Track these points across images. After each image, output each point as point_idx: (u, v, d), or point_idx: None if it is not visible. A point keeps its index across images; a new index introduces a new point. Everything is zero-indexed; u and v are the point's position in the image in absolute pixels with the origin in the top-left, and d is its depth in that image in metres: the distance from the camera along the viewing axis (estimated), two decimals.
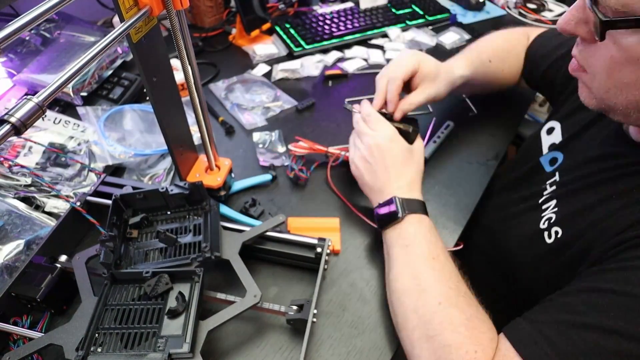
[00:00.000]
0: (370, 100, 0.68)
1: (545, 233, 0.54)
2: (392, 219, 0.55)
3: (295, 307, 0.51)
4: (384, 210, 0.57)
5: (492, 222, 0.70)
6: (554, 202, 0.56)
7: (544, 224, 0.55)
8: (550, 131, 0.67)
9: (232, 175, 0.67)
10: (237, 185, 0.69)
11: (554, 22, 1.16)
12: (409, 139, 0.64)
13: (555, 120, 0.66)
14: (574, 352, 0.38)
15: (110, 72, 0.86)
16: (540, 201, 0.59)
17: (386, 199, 0.57)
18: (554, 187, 0.58)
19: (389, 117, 0.66)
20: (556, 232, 0.52)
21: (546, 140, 0.66)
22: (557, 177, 0.59)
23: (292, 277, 0.59)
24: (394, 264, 0.53)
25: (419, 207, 0.57)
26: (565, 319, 0.40)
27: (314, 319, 0.50)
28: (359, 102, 0.68)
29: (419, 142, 0.64)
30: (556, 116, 0.67)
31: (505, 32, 0.82)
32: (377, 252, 0.62)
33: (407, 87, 0.69)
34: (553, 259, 0.52)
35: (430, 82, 0.68)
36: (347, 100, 0.69)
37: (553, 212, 0.55)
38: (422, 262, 0.51)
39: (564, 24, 0.44)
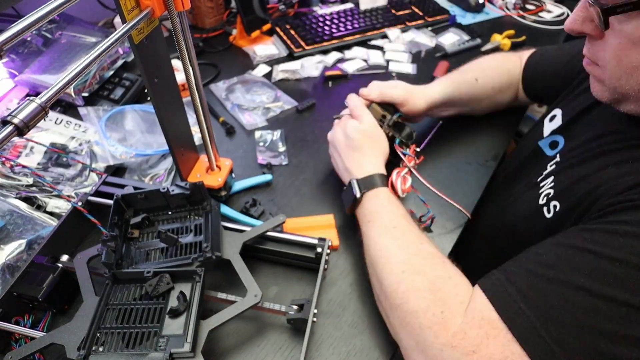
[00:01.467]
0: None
1: (545, 208, 0.54)
2: (354, 201, 0.58)
3: (295, 307, 0.51)
4: (347, 196, 0.60)
5: (494, 209, 0.70)
6: (551, 178, 0.56)
7: (542, 199, 0.55)
8: (552, 118, 0.67)
9: (233, 175, 0.68)
10: (238, 185, 0.69)
11: (552, 23, 1.17)
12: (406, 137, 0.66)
13: (558, 108, 0.67)
14: (545, 305, 0.39)
15: (111, 72, 0.86)
16: (538, 180, 0.59)
17: (348, 180, 0.61)
18: (553, 167, 0.59)
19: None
20: (554, 206, 0.52)
21: (548, 127, 0.67)
22: (557, 159, 0.60)
23: (292, 276, 0.59)
24: (364, 241, 0.56)
25: (376, 181, 0.58)
26: (539, 272, 0.41)
27: (314, 319, 0.50)
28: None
29: (365, 117, 0.65)
30: (559, 105, 0.68)
31: (493, 54, 0.85)
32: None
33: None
34: (555, 231, 0.50)
35: (405, 104, 0.70)
36: (334, 116, 0.70)
37: (550, 188, 0.55)
38: (383, 233, 0.53)
39: (571, 23, 0.47)
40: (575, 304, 0.38)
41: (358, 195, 0.57)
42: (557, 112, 0.67)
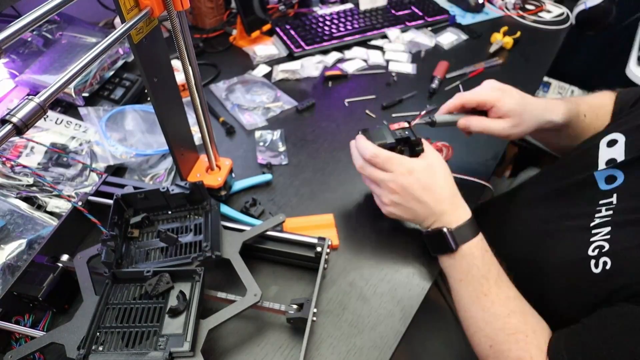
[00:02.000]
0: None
1: (593, 261, 0.50)
2: (444, 250, 0.56)
3: (295, 306, 0.51)
4: (434, 242, 0.57)
5: (531, 234, 0.65)
6: (607, 228, 0.51)
7: (593, 251, 0.51)
8: (611, 143, 0.59)
9: (233, 175, 0.68)
10: (238, 185, 0.69)
11: (552, 23, 1.17)
12: (415, 151, 0.59)
13: (620, 133, 0.59)
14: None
15: (111, 72, 0.86)
16: (591, 224, 0.53)
17: (434, 228, 0.56)
18: (610, 212, 0.53)
19: (388, 144, 0.59)
20: (604, 263, 0.48)
21: (605, 153, 0.59)
22: (614, 200, 0.53)
23: (292, 276, 0.59)
24: (453, 294, 0.57)
25: (469, 229, 0.55)
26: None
27: (314, 318, 0.50)
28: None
29: (430, 152, 0.59)
30: (621, 128, 0.60)
31: (605, 92, 0.74)
32: (376, 251, 0.63)
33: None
34: (596, 290, 0.49)
35: (514, 119, 0.63)
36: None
37: (605, 240, 0.50)
38: (474, 300, 0.53)
39: None
40: None
41: (454, 248, 0.54)
42: (619, 137, 0.58)
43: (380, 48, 1.05)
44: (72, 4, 0.33)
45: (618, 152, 0.57)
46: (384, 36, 1.08)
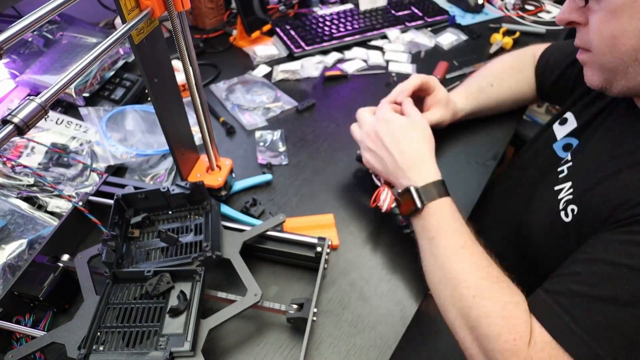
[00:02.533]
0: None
1: (563, 213, 0.54)
2: (412, 211, 0.56)
3: (295, 306, 0.51)
4: (404, 204, 0.57)
5: (507, 213, 0.71)
6: (569, 183, 0.56)
7: (562, 205, 0.55)
8: (563, 121, 0.67)
9: (233, 175, 0.68)
10: (238, 185, 0.69)
11: (551, 23, 1.17)
12: None
13: (568, 111, 0.67)
14: (594, 324, 0.41)
15: (112, 73, 0.86)
16: (556, 187, 0.59)
17: (403, 187, 0.57)
18: (568, 170, 0.59)
19: None
20: (572, 210, 0.53)
21: (560, 130, 0.67)
22: (568, 157, 0.60)
23: (292, 276, 0.59)
24: (424, 256, 0.55)
25: (437, 189, 0.55)
26: (584, 292, 0.43)
27: (314, 318, 0.50)
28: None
29: (418, 116, 0.63)
30: (568, 108, 0.68)
31: (508, 54, 0.85)
32: (376, 251, 0.63)
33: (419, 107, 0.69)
34: (572, 237, 0.52)
35: (442, 107, 0.72)
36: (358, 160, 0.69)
37: (569, 194, 0.55)
38: (450, 254, 0.51)
39: (561, 14, 0.51)
40: (623, 320, 0.41)
41: (420, 206, 0.54)
42: (569, 115, 0.66)
43: (380, 48, 1.05)
44: (72, 4, 0.33)
45: (571, 125, 0.65)
46: (384, 36, 1.08)
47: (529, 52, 0.82)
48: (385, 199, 0.61)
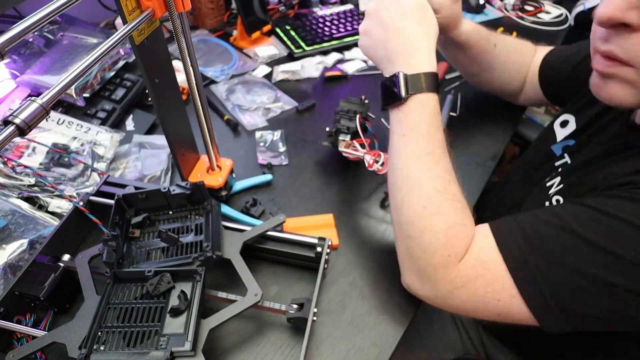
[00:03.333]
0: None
1: (547, 202, 0.55)
2: (394, 98, 0.50)
3: (295, 306, 0.51)
4: (387, 90, 0.52)
5: (502, 211, 0.70)
6: (558, 179, 0.56)
7: (552, 199, 0.55)
8: (564, 124, 0.66)
9: (234, 175, 0.68)
10: (238, 185, 0.69)
11: (551, 24, 1.17)
12: None
13: (569, 114, 0.66)
14: (539, 242, 0.43)
15: (112, 73, 0.86)
16: (546, 180, 0.59)
17: (390, 73, 0.52)
18: (560, 168, 0.59)
19: None
20: (557, 201, 0.53)
21: (561, 132, 0.66)
22: (567, 160, 0.60)
23: (292, 276, 0.59)
24: (391, 154, 0.51)
25: (427, 81, 0.50)
26: (544, 217, 0.44)
27: (314, 318, 0.50)
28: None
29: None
30: (570, 110, 0.67)
31: (512, 38, 0.82)
32: (376, 250, 0.63)
33: None
34: None
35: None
36: (323, 143, 0.70)
37: (559, 192, 0.54)
38: (415, 158, 0.48)
39: (612, 11, 0.40)
40: (566, 245, 0.41)
41: (403, 95, 0.49)
42: (570, 118, 0.65)
43: None
44: (73, 4, 0.33)
45: (572, 128, 0.64)
46: None
47: (532, 47, 0.80)
48: (378, 159, 0.60)
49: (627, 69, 0.42)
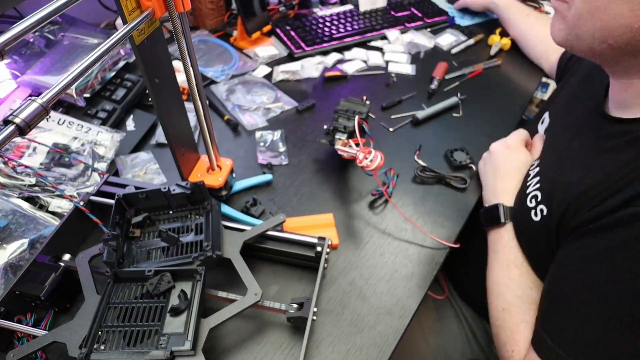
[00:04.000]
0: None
1: (532, 212, 0.56)
2: (495, 223, 0.62)
3: (295, 305, 0.51)
4: (490, 214, 0.63)
5: None
6: (536, 178, 0.59)
7: (530, 201, 0.57)
8: (543, 121, 0.71)
9: (234, 175, 0.68)
10: (238, 185, 0.69)
11: None
12: None
13: (547, 111, 0.71)
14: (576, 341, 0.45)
15: (113, 73, 0.86)
16: (527, 179, 0.62)
17: (492, 202, 0.63)
18: (537, 167, 0.62)
19: None
20: (541, 210, 0.54)
21: (541, 130, 0.71)
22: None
23: (292, 275, 0.59)
24: (489, 265, 0.61)
25: (511, 213, 0.61)
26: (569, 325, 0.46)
27: (314, 317, 0.50)
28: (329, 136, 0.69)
29: (528, 155, 0.67)
30: (547, 108, 0.72)
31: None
32: (376, 250, 0.63)
33: None
34: (542, 236, 0.54)
35: None
36: (321, 141, 0.70)
37: (537, 189, 0.57)
38: (505, 269, 0.58)
39: None
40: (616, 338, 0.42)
41: (503, 221, 0.61)
42: (546, 115, 0.70)
43: (379, 49, 1.05)
44: (73, 5, 0.33)
45: (546, 124, 0.69)
46: (384, 37, 1.09)
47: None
48: (375, 159, 0.61)
49: (563, 4, 0.48)
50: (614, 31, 0.43)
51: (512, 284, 0.56)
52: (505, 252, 0.59)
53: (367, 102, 0.73)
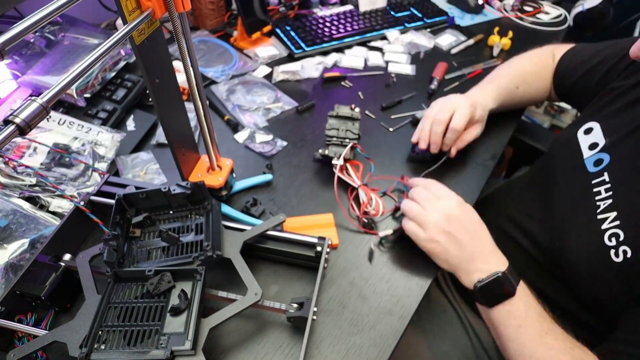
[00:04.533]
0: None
1: (613, 251, 0.51)
2: (505, 297, 0.53)
3: (295, 305, 0.51)
4: (490, 291, 0.54)
5: (535, 224, 0.68)
6: (613, 214, 0.53)
7: (609, 240, 0.52)
8: (588, 131, 0.65)
9: (234, 175, 0.68)
10: (239, 185, 0.70)
11: (550, 24, 1.17)
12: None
13: (594, 121, 0.65)
14: None
15: (113, 73, 0.86)
16: (597, 212, 0.56)
17: (486, 273, 0.54)
18: (609, 193, 0.56)
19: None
20: (624, 252, 0.50)
21: (584, 140, 0.64)
22: (606, 178, 0.57)
23: (292, 275, 0.59)
24: (509, 345, 0.53)
25: (514, 273, 0.54)
26: None
27: (314, 317, 0.50)
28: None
29: (462, 202, 0.61)
30: (594, 117, 0.65)
31: (531, 54, 0.86)
32: (376, 250, 0.63)
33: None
34: (623, 277, 0.50)
35: (479, 124, 0.76)
36: (319, 151, 0.70)
37: (617, 227, 0.52)
38: (538, 341, 0.51)
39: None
40: None
41: (515, 289, 0.53)
42: (594, 125, 0.64)
43: (379, 49, 1.05)
44: (74, 5, 0.33)
45: (597, 137, 0.62)
46: (384, 37, 1.09)
47: (549, 54, 0.83)
48: (378, 204, 0.63)
49: None
50: None
51: (556, 353, 0.50)
52: (531, 323, 0.52)
53: (357, 110, 0.73)
